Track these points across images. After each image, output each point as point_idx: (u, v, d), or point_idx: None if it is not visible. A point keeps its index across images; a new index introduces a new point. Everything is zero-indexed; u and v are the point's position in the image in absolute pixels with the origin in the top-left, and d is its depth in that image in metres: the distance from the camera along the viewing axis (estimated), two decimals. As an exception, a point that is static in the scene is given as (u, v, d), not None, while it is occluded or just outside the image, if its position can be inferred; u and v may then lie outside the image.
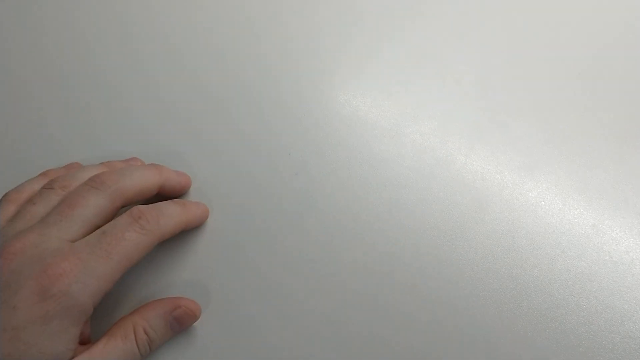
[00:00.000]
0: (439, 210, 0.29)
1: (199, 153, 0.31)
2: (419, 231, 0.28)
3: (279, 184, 0.30)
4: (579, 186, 0.30)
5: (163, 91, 0.34)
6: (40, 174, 0.27)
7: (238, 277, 0.27)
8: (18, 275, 0.21)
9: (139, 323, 0.24)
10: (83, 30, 0.36)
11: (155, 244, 0.24)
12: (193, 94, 0.33)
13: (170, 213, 0.25)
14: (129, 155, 0.31)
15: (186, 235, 0.28)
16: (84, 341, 0.23)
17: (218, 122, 0.32)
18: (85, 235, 0.23)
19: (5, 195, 0.25)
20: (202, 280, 0.27)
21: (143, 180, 0.26)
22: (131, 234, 0.23)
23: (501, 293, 0.27)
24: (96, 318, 0.24)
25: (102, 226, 0.23)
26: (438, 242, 0.28)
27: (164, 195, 0.28)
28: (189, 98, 0.33)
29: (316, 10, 0.37)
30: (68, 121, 0.33)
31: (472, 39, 0.35)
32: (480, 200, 0.29)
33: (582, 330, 0.26)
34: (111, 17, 0.37)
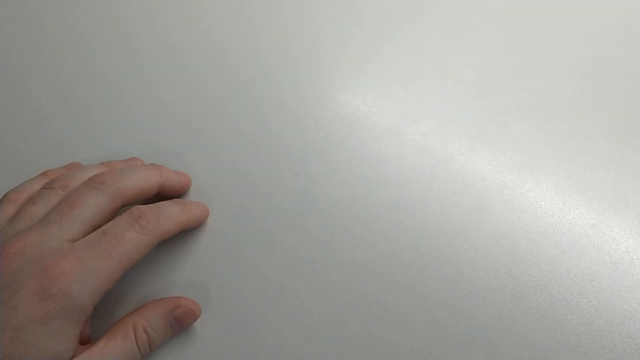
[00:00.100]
0: (439, 210, 0.29)
1: (199, 153, 0.31)
2: (419, 231, 0.28)
3: (279, 184, 0.30)
4: (579, 186, 0.30)
5: (163, 91, 0.34)
6: (40, 174, 0.28)
7: (238, 277, 0.27)
8: (18, 275, 0.21)
9: (139, 323, 0.24)
10: (83, 30, 0.36)
11: (155, 244, 0.24)
12: (193, 94, 0.33)
13: (170, 213, 0.25)
14: (129, 155, 0.31)
15: (186, 235, 0.28)
16: (84, 341, 0.23)
17: (218, 122, 0.32)
18: (85, 235, 0.23)
19: (5, 195, 0.25)
20: (202, 280, 0.27)
21: (143, 180, 0.26)
22: (131, 234, 0.23)
23: (501, 293, 0.27)
24: (96, 318, 0.24)
25: (102, 226, 0.23)
26: (438, 242, 0.28)
27: (164, 195, 0.28)
28: (189, 98, 0.33)
29: (316, 10, 0.37)
30: (68, 121, 0.33)
31: (472, 39, 0.35)
32: (480, 200, 0.29)
33: (582, 330, 0.26)
34: (111, 17, 0.37)
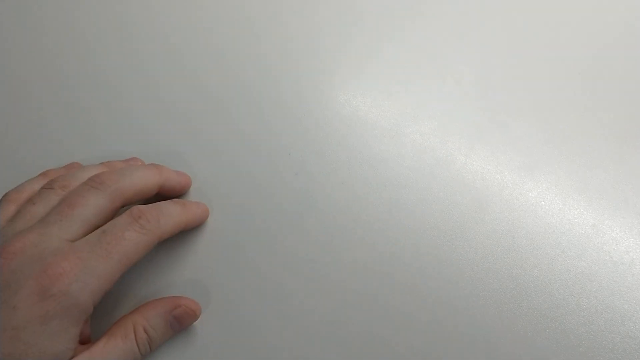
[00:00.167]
0: (439, 210, 0.29)
1: (199, 153, 0.31)
2: (419, 231, 0.28)
3: (279, 184, 0.30)
4: (579, 186, 0.30)
5: (163, 91, 0.34)
6: (40, 174, 0.28)
7: (238, 277, 0.27)
8: (18, 274, 0.21)
9: (139, 322, 0.24)
10: (83, 30, 0.36)
11: (155, 244, 0.24)
12: (193, 94, 0.33)
13: (170, 213, 0.25)
14: (129, 155, 0.31)
15: (186, 235, 0.28)
16: (84, 341, 0.23)
17: (218, 122, 0.32)
18: (85, 234, 0.23)
19: (5, 195, 0.25)
20: (202, 280, 0.27)
21: (143, 180, 0.26)
22: (131, 234, 0.23)
23: (501, 293, 0.27)
24: (96, 317, 0.24)
25: (102, 226, 0.23)
26: (438, 242, 0.28)
27: (164, 195, 0.28)
28: (189, 98, 0.33)
29: (316, 10, 0.37)
30: (68, 121, 0.33)
31: (472, 39, 0.35)
32: (480, 200, 0.29)
33: (582, 330, 0.26)
34: (111, 17, 0.37)
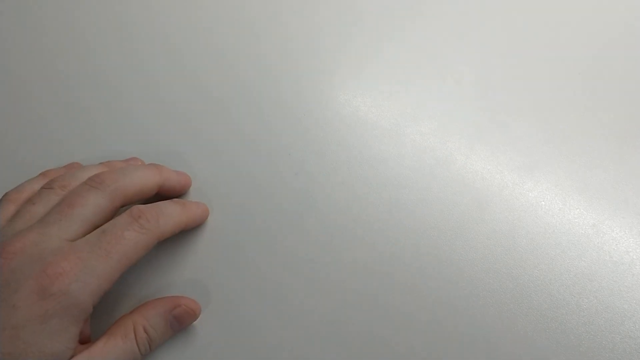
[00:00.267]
0: (439, 210, 0.29)
1: (199, 153, 0.31)
2: (419, 231, 0.28)
3: (279, 184, 0.30)
4: (579, 186, 0.30)
5: (163, 91, 0.34)
6: (40, 174, 0.28)
7: (238, 277, 0.27)
8: (18, 274, 0.21)
9: (139, 322, 0.24)
10: (83, 30, 0.36)
11: (154, 244, 0.24)
12: (193, 94, 0.33)
13: (170, 212, 0.25)
14: (129, 155, 0.31)
15: (186, 235, 0.28)
16: (84, 340, 0.23)
17: (218, 122, 0.32)
18: (84, 234, 0.23)
19: (5, 195, 0.25)
20: (202, 280, 0.27)
21: (143, 179, 0.26)
22: (131, 233, 0.23)
23: (501, 293, 0.27)
24: (96, 317, 0.24)
25: (102, 225, 0.23)
26: (438, 242, 0.28)
27: (164, 195, 0.28)
28: (189, 98, 0.33)
29: (316, 10, 0.37)
30: (68, 121, 0.33)
31: (472, 39, 0.35)
32: (480, 200, 0.29)
33: (582, 330, 0.26)
34: (111, 17, 0.37)
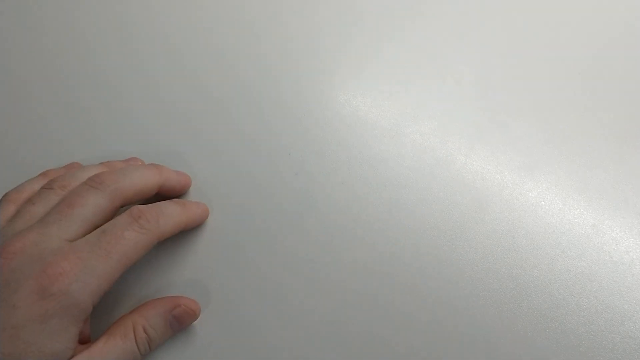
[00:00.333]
0: (439, 210, 0.29)
1: (199, 153, 0.31)
2: (419, 231, 0.28)
3: (279, 184, 0.30)
4: (579, 186, 0.30)
5: (163, 91, 0.34)
6: (40, 174, 0.28)
7: (238, 277, 0.27)
8: (18, 274, 0.21)
9: (139, 322, 0.24)
10: (83, 30, 0.36)
11: (154, 244, 0.24)
12: (193, 94, 0.33)
13: (169, 213, 0.25)
14: (129, 155, 0.31)
15: (186, 235, 0.28)
16: (84, 340, 0.23)
17: (218, 122, 0.32)
18: (84, 234, 0.23)
19: (5, 195, 0.25)
20: (202, 280, 0.27)
21: (143, 180, 0.26)
22: (130, 233, 0.23)
23: (501, 293, 0.27)
24: (96, 317, 0.24)
25: (102, 225, 0.23)
26: (438, 242, 0.28)
27: (164, 195, 0.28)
28: (189, 98, 0.33)
29: (316, 10, 0.37)
30: (68, 121, 0.33)
31: (472, 39, 0.35)
32: (480, 200, 0.29)
33: (582, 330, 0.26)
34: (111, 17, 0.37)
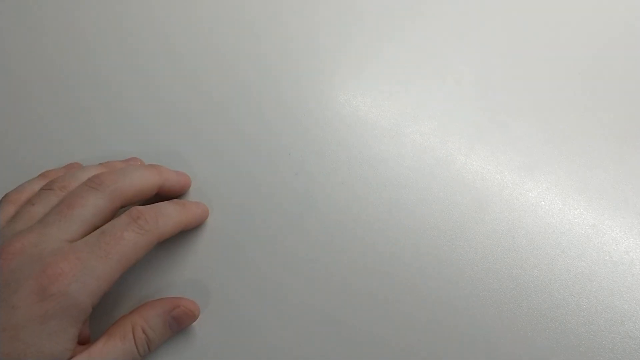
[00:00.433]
0: (439, 210, 0.29)
1: (199, 153, 0.31)
2: (419, 231, 0.28)
3: (279, 184, 0.30)
4: (579, 186, 0.30)
5: (163, 91, 0.34)
6: (40, 175, 0.28)
7: (238, 277, 0.27)
8: (17, 274, 0.21)
9: (138, 323, 0.24)
10: (83, 30, 0.36)
11: (154, 244, 0.24)
12: (193, 94, 0.33)
13: (169, 213, 0.25)
14: (129, 155, 0.31)
15: (186, 235, 0.28)
16: (83, 341, 0.23)
17: (218, 122, 0.32)
18: (84, 235, 0.23)
19: (5, 196, 0.25)
20: (202, 280, 0.27)
21: (142, 180, 0.26)
22: (130, 234, 0.23)
23: (501, 293, 0.27)
24: (95, 318, 0.24)
25: (102, 226, 0.23)
26: (438, 242, 0.28)
27: (164, 195, 0.28)
28: (189, 98, 0.33)
29: (316, 10, 0.37)
30: (68, 121, 0.33)
31: (472, 39, 0.35)
32: (480, 200, 0.29)
33: (582, 330, 0.26)
34: (111, 17, 0.37)
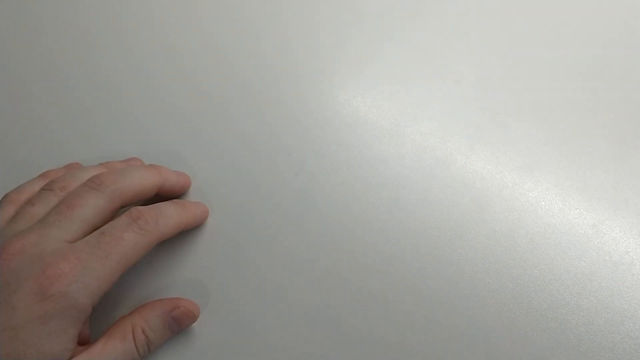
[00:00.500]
0: (439, 210, 0.29)
1: (199, 153, 0.31)
2: (419, 231, 0.28)
3: (279, 184, 0.30)
4: (579, 186, 0.30)
5: (163, 91, 0.34)
6: (40, 175, 0.28)
7: (238, 277, 0.27)
8: (17, 275, 0.21)
9: (138, 323, 0.24)
10: (83, 30, 0.36)
11: (154, 245, 0.24)
12: (193, 94, 0.33)
13: (169, 213, 0.25)
14: (129, 155, 0.31)
15: (186, 235, 0.28)
16: (83, 341, 0.23)
17: (218, 122, 0.32)
18: (84, 235, 0.23)
19: (5, 196, 0.25)
20: (202, 280, 0.27)
21: (142, 180, 0.26)
22: (130, 235, 0.23)
23: (501, 293, 0.27)
24: (95, 318, 0.24)
25: (102, 227, 0.23)
26: (438, 242, 0.28)
27: (164, 195, 0.28)
28: (189, 98, 0.33)
29: (316, 10, 0.37)
30: (68, 121, 0.33)
31: (472, 39, 0.35)
32: (480, 200, 0.29)
33: (582, 330, 0.26)
34: (111, 17, 0.37)
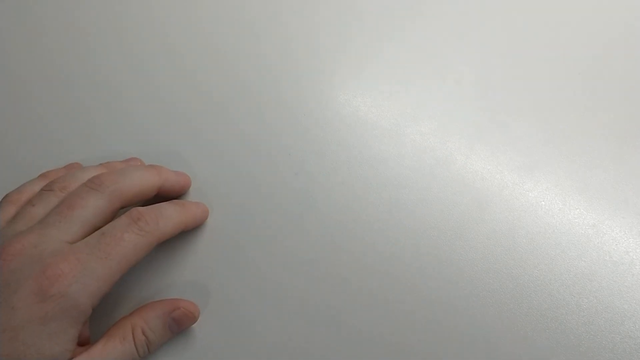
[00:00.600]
0: (439, 210, 0.29)
1: (199, 153, 0.31)
2: (419, 231, 0.28)
3: (279, 184, 0.30)
4: (579, 186, 0.30)
5: (163, 91, 0.34)
6: (40, 175, 0.28)
7: (238, 277, 0.27)
8: (17, 275, 0.21)
9: (138, 324, 0.24)
10: (83, 30, 0.36)
11: (154, 245, 0.24)
12: (193, 94, 0.33)
13: (169, 214, 0.25)
14: (129, 155, 0.31)
15: (186, 235, 0.28)
16: (83, 342, 0.23)
17: (218, 122, 0.32)
18: (84, 236, 0.23)
19: (5, 196, 0.25)
20: (202, 280, 0.27)
21: (142, 181, 0.26)
22: (130, 235, 0.23)
23: (501, 293, 0.27)
24: (95, 319, 0.24)
25: (102, 227, 0.23)
26: (438, 242, 0.28)
27: (164, 196, 0.28)
28: (189, 98, 0.33)
29: (316, 10, 0.37)
30: (68, 121, 0.33)
31: (472, 39, 0.35)
32: (480, 200, 0.29)
33: (582, 330, 0.26)
34: (111, 17, 0.37)
